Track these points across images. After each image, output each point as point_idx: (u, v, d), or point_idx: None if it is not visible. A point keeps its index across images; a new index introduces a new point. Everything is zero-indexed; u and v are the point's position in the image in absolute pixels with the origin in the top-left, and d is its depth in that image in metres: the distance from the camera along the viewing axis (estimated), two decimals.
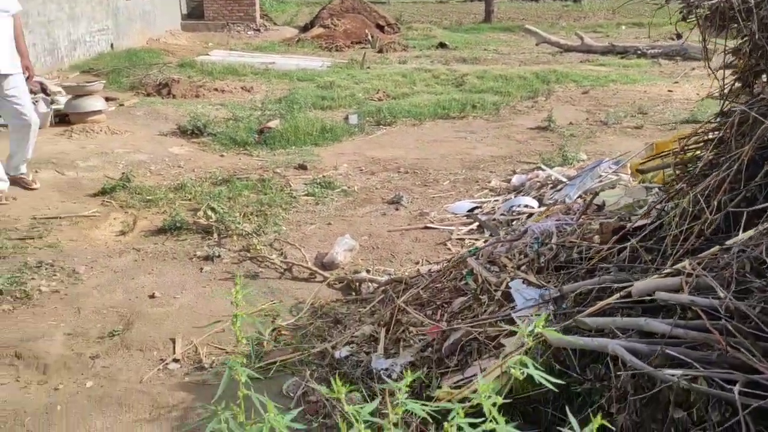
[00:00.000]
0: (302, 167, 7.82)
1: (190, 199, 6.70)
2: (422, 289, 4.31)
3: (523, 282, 3.61)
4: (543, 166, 6.95)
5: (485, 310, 3.69)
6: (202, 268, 5.33)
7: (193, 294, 4.94)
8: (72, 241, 5.82)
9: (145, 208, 6.52)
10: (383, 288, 4.72)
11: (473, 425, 1.48)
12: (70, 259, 5.45)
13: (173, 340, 4.36)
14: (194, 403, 3.77)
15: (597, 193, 4.23)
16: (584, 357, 2.83)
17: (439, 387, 3.63)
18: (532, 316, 3.19)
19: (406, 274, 5.00)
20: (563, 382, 1.71)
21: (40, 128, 6.87)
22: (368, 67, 14.95)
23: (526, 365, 1.54)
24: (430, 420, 1.67)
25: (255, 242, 5.66)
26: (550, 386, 1.60)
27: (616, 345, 2.27)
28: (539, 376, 1.56)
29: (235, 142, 8.78)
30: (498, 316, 3.26)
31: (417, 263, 5.37)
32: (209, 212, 5.99)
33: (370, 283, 4.92)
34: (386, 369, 3.82)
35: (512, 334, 3.47)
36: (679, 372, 1.97)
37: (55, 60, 12.46)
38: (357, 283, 4.95)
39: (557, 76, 13.50)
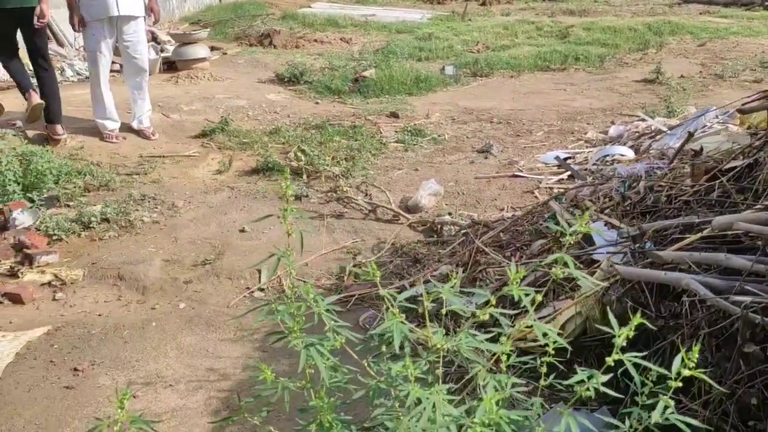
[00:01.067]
0: (394, 115, 7.83)
1: (283, 143, 6.89)
2: (502, 231, 4.26)
3: (605, 224, 3.49)
4: (644, 115, 6.60)
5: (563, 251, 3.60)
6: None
7: (281, 230, 5.10)
8: (173, 178, 6.16)
9: (241, 150, 6.77)
10: (464, 231, 4.70)
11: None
12: (170, 194, 5.78)
13: (259, 272, 4.55)
14: (276, 327, 3.94)
15: (692, 134, 3.98)
16: (662, 299, 2.72)
17: (513, 326, 3.60)
18: (611, 256, 3.09)
19: (489, 218, 4.94)
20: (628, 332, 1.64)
21: (149, 75, 7.23)
22: (469, 20, 14.63)
23: (566, 264, 1.51)
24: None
25: (342, 184, 5.76)
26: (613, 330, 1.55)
27: (691, 279, 2.16)
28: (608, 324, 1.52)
29: (330, 90, 8.90)
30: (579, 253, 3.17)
31: (502, 210, 5.30)
32: (299, 154, 6.14)
33: (451, 226, 4.91)
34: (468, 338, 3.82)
35: (589, 275, 3.38)
36: (749, 299, 1.85)
37: (166, 12, 13.01)
38: (439, 226, 4.95)
39: (672, 28, 12.67)
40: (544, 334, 1.62)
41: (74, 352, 3.70)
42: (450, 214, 5.18)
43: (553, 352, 1.80)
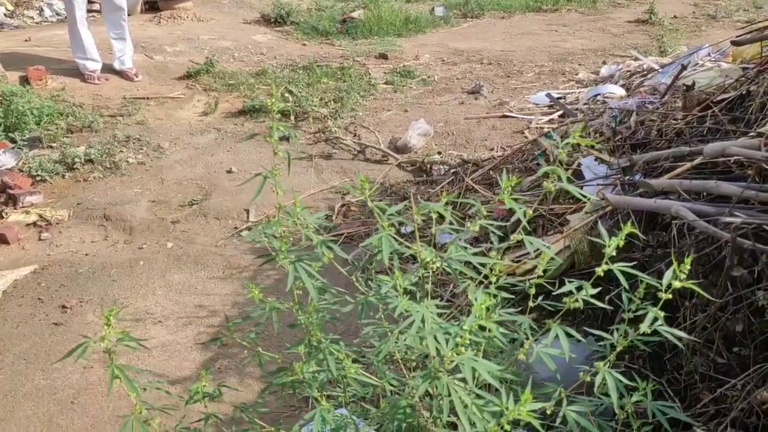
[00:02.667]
0: (383, 57, 7.69)
1: (270, 85, 6.76)
2: (492, 169, 4.23)
3: (596, 159, 3.47)
4: (636, 54, 6.52)
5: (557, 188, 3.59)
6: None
7: (268, 170, 5.06)
8: (158, 120, 6.05)
9: (227, 91, 6.64)
10: (454, 170, 4.67)
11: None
12: (155, 135, 5.68)
13: (247, 211, 4.52)
14: (265, 265, 3.93)
15: (684, 67, 3.93)
16: (652, 230, 2.72)
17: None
18: (600, 190, 3.07)
19: (479, 158, 4.90)
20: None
21: (129, 14, 7.01)
22: None
23: (560, 177, 1.48)
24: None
25: (330, 125, 5.68)
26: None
27: (680, 206, 2.15)
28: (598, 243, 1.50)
29: (317, 31, 8.71)
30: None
31: (491, 150, 5.25)
32: (287, 95, 6.04)
33: (441, 166, 4.87)
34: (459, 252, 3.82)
35: (578, 210, 3.38)
36: (738, 220, 1.84)
37: None
38: (428, 165, 4.91)
39: None
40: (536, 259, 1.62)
41: (62, 290, 3.68)
42: (439, 153, 5.13)
43: (542, 273, 1.79)
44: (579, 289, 1.43)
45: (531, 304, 1.72)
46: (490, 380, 1.17)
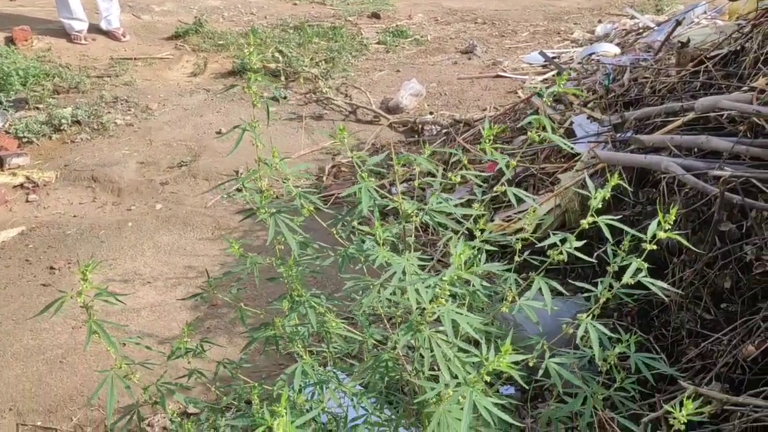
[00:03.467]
0: (375, 16, 7.55)
1: (260, 45, 6.64)
2: (484, 129, 4.18)
3: (588, 118, 3.42)
4: (632, 12, 6.41)
5: (545, 147, 3.55)
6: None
7: (258, 131, 5.00)
8: (146, 81, 5.95)
9: (216, 52, 6.53)
10: (446, 130, 4.62)
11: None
12: (143, 96, 5.60)
13: (237, 172, 4.47)
14: (254, 226, 3.91)
15: (679, 23, 3.86)
16: (642, 188, 2.70)
17: (492, 220, 3.60)
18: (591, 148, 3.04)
19: (472, 118, 4.85)
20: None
21: None
22: None
23: (545, 127, 1.45)
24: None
25: (321, 85, 5.60)
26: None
27: (670, 161, 2.12)
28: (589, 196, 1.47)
29: None
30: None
31: (484, 110, 5.20)
32: (277, 55, 5.94)
33: (432, 126, 4.82)
34: (440, 203, 3.79)
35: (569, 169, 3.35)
36: (727, 173, 1.82)
37: None
38: (420, 126, 4.86)
39: None
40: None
41: (50, 252, 3.65)
42: (431, 114, 5.08)
43: (529, 228, 1.77)
44: (563, 241, 1.41)
45: (517, 258, 1.70)
46: (471, 332, 1.15)
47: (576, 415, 1.50)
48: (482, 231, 1.63)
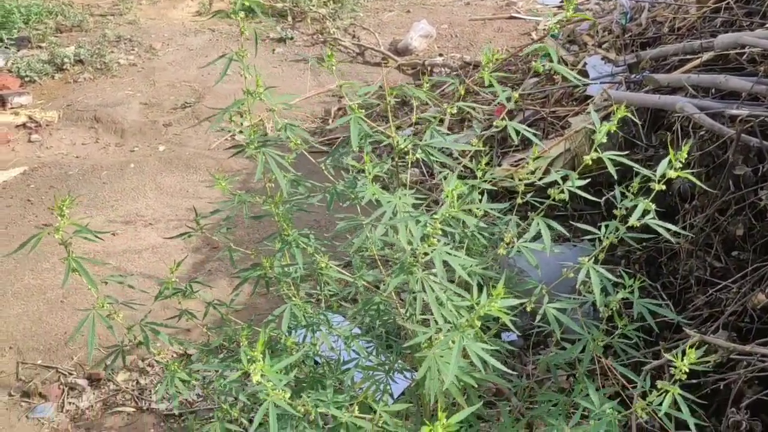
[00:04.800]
0: None
1: None
2: (495, 71, 4.04)
3: (602, 59, 3.29)
4: None
5: (557, 90, 3.43)
6: (274, 50, 5.23)
7: (265, 73, 4.84)
8: (150, 20, 5.81)
9: None
10: (456, 72, 4.48)
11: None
12: (147, 35, 5.47)
13: (241, 114, 4.38)
14: (256, 169, 3.84)
15: None
16: (655, 131, 2.59)
17: (499, 165, 3.51)
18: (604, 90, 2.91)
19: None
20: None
21: None
22: None
23: (550, 57, 1.35)
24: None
25: (329, 26, 5.44)
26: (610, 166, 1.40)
27: (685, 101, 2.01)
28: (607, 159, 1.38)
29: None
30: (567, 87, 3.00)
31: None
32: None
33: (442, 68, 4.68)
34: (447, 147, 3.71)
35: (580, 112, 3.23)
36: (744, 112, 1.72)
37: None
38: (429, 68, 4.72)
39: None
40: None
41: (51, 192, 3.62)
42: (441, 56, 4.92)
43: (533, 171, 1.69)
44: (565, 179, 1.33)
45: (519, 200, 1.62)
46: (463, 275, 1.09)
47: (577, 361, 1.46)
48: (484, 172, 1.55)
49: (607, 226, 1.33)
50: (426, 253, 1.16)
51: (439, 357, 1.15)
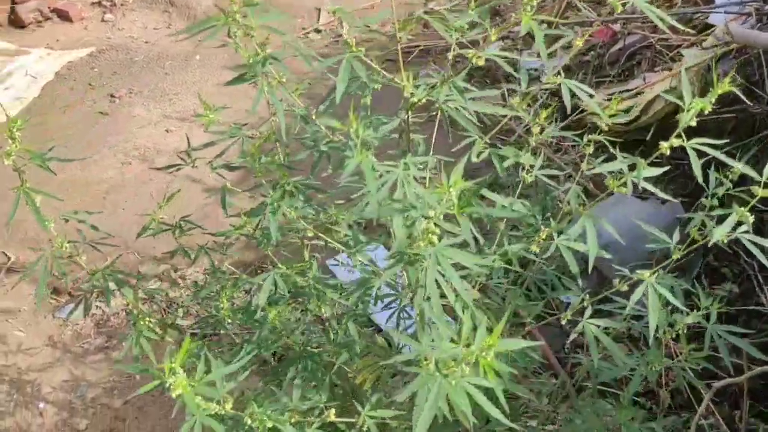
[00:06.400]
0: None
1: None
2: None
3: None
4: None
5: (672, 14, 2.90)
6: None
7: None
8: None
9: None
10: None
11: None
12: None
13: (318, 10, 4.07)
14: (326, 73, 3.57)
15: None
16: None
17: (591, 96, 3.07)
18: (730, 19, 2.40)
19: None
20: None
21: None
22: None
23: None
24: None
25: None
26: None
27: None
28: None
29: None
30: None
31: None
32: None
33: None
34: (535, 69, 3.28)
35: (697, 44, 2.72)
36: None
37: None
38: None
39: None
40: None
41: (114, 78, 3.50)
42: None
43: (609, 125, 1.32)
44: (633, 168, 0.98)
45: (584, 166, 1.28)
46: (457, 286, 0.79)
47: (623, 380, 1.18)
48: (540, 129, 1.22)
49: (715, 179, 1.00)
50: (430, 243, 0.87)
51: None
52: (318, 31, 3.96)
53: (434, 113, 1.03)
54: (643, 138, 2.72)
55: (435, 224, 0.77)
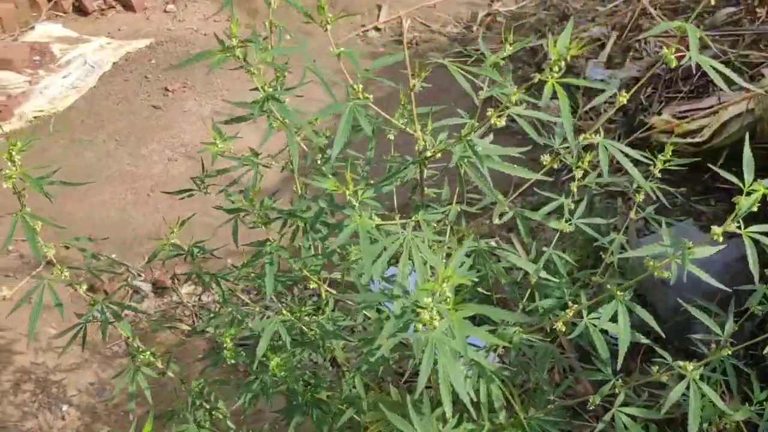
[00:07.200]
0: None
1: None
2: None
3: None
4: None
5: (758, 25, 2.67)
6: None
7: None
8: None
9: None
10: None
11: None
12: None
13: (379, 8, 3.97)
14: (382, 73, 3.47)
15: None
16: None
17: (659, 114, 2.87)
18: None
19: None
20: None
21: None
22: None
23: None
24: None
25: None
26: None
27: None
28: None
29: None
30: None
31: None
32: None
33: None
34: (601, 80, 3.10)
35: None
36: None
37: None
38: None
39: None
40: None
41: (170, 71, 3.50)
42: None
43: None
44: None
45: (667, 156, 1.13)
46: (454, 381, 0.68)
47: None
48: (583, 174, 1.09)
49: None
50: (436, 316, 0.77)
51: None
52: (377, 29, 3.87)
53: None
54: (714, 162, 2.52)
55: (431, 317, 0.66)
